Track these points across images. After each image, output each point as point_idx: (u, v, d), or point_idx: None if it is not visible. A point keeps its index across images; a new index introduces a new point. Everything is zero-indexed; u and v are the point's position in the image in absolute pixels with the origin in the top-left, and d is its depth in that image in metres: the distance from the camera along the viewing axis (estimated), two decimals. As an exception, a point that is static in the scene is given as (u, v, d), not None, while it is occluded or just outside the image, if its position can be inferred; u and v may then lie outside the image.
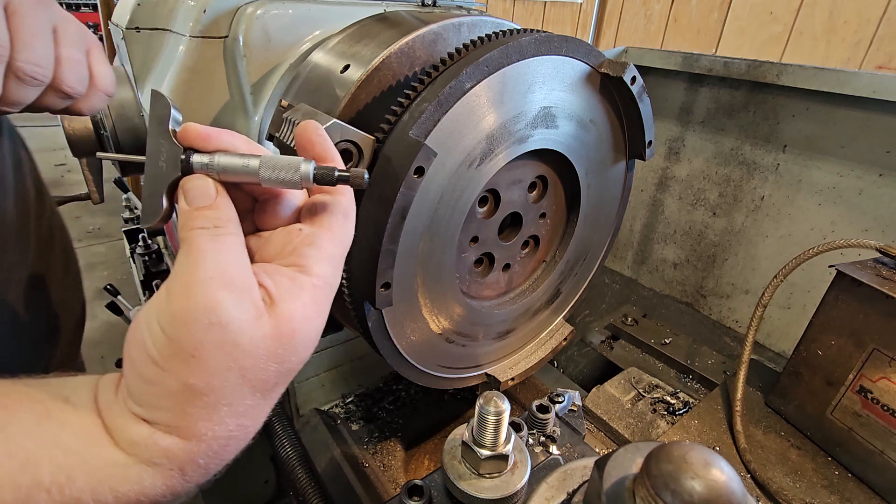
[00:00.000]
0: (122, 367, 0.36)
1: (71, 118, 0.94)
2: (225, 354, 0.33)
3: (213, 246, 0.35)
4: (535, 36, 0.65)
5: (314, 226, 0.41)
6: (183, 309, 0.32)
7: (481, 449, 0.53)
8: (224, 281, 0.34)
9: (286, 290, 0.37)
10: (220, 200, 0.39)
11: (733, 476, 0.37)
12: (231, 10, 0.80)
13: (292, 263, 0.39)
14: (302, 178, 0.39)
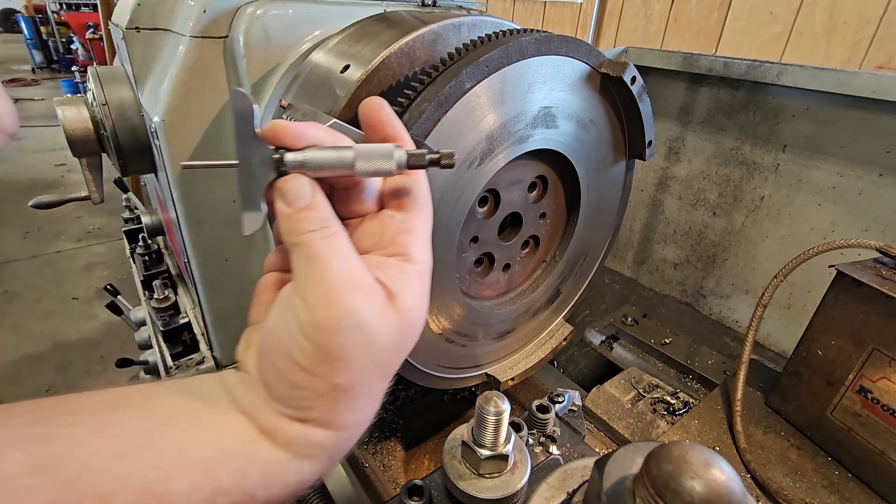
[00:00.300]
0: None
1: (71, 118, 0.94)
2: (364, 353, 0.36)
3: (331, 249, 0.36)
4: (535, 36, 0.65)
5: (404, 211, 0.41)
6: (326, 318, 0.34)
7: (481, 449, 0.53)
8: (355, 284, 0.35)
9: (400, 283, 0.38)
10: (318, 198, 0.38)
11: (733, 476, 0.37)
12: (231, 10, 0.80)
13: (395, 253, 0.40)
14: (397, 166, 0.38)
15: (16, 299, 3.42)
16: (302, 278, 0.36)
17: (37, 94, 8.63)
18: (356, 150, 0.37)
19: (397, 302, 0.37)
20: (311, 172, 0.37)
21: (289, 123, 0.38)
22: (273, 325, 0.37)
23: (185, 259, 0.97)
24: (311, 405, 0.36)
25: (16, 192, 4.91)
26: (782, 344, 1.39)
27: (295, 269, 0.37)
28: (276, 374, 0.36)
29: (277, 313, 0.37)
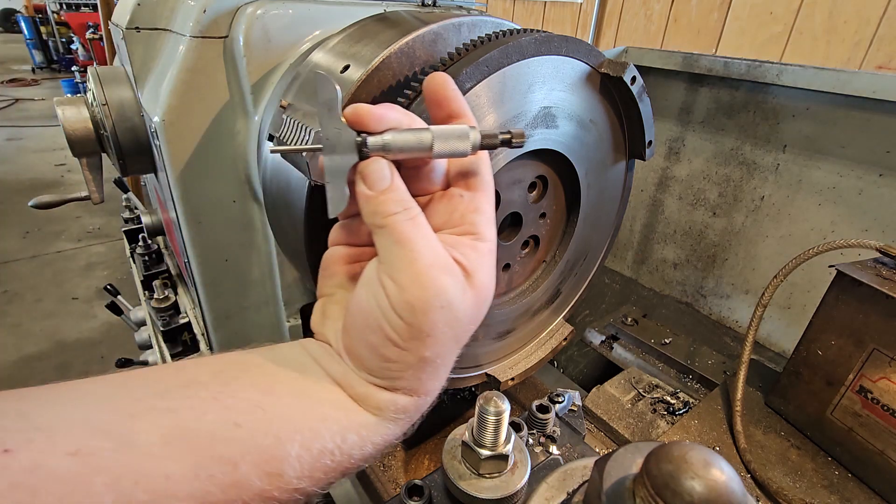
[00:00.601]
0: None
1: (71, 118, 0.94)
2: (449, 328, 0.39)
3: (416, 231, 0.38)
4: (535, 36, 0.65)
5: (472, 190, 0.43)
6: (418, 298, 0.37)
7: (481, 449, 0.53)
8: (441, 265, 0.38)
9: (475, 261, 0.40)
10: (396, 180, 0.39)
11: (733, 476, 0.37)
12: (231, 10, 0.80)
13: (466, 231, 0.41)
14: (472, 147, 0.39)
15: (16, 299, 3.42)
16: (392, 260, 0.38)
17: (37, 94, 8.63)
18: (433, 131, 0.38)
19: (473, 279, 0.40)
20: (390, 155, 0.39)
21: (370, 107, 0.39)
22: (363, 304, 0.39)
23: (185, 259, 0.97)
24: (400, 375, 0.39)
25: (16, 191, 4.91)
26: (782, 344, 1.39)
27: (381, 250, 0.39)
28: (367, 349, 0.40)
29: (366, 292, 0.39)
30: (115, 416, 0.32)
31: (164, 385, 0.36)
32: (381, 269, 0.39)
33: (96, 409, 0.33)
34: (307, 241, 0.72)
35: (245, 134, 0.86)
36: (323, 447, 0.38)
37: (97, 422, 0.31)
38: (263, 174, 0.79)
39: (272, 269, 1.00)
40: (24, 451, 0.28)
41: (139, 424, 0.32)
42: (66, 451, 0.29)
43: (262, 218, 0.92)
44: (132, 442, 0.31)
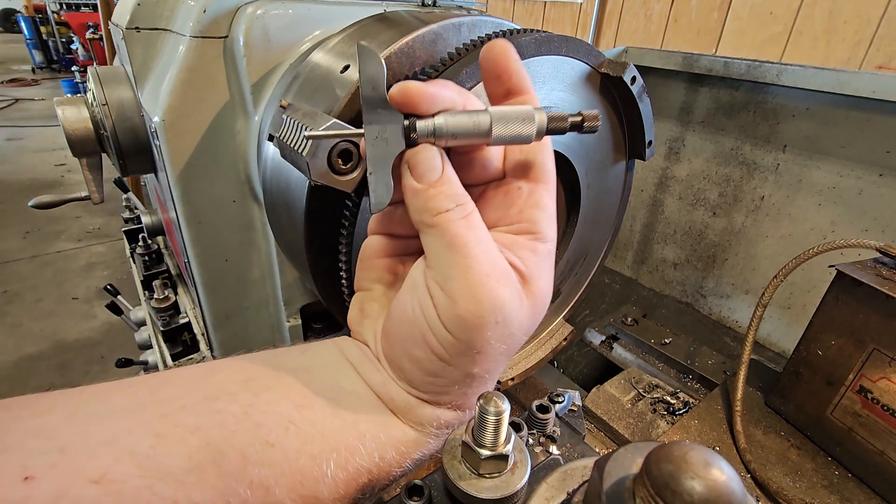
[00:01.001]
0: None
1: (71, 118, 0.94)
2: (502, 343, 0.35)
3: (471, 234, 0.33)
4: (534, 36, 0.65)
5: (532, 181, 0.37)
6: (472, 313, 0.33)
7: (481, 449, 0.53)
8: (498, 275, 0.34)
9: (534, 266, 0.36)
10: (448, 171, 0.34)
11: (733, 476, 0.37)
12: (231, 10, 0.80)
13: (525, 231, 0.36)
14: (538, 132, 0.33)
15: (16, 299, 3.42)
16: (442, 266, 0.34)
17: (37, 94, 8.63)
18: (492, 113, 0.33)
19: (531, 287, 0.36)
20: (441, 141, 0.34)
21: (421, 85, 0.33)
22: (407, 312, 0.36)
23: (185, 259, 0.97)
24: (445, 391, 0.37)
25: (16, 191, 4.91)
26: (782, 344, 1.39)
27: (430, 253, 0.34)
28: (411, 361, 0.36)
29: (412, 300, 0.36)
30: (141, 436, 0.30)
31: (192, 397, 0.34)
32: (430, 276, 0.34)
33: (122, 426, 0.30)
34: (307, 242, 0.72)
35: (245, 134, 0.86)
36: (360, 466, 0.35)
37: (123, 443, 0.29)
38: (263, 174, 0.79)
39: (272, 269, 1.00)
40: (48, 479, 0.26)
41: (165, 446, 0.30)
42: (91, 478, 0.27)
43: (262, 218, 0.92)
44: (159, 467, 0.29)
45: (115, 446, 0.29)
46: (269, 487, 0.31)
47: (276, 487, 0.32)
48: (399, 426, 0.38)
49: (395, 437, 0.37)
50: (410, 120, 0.33)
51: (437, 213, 0.33)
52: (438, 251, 0.34)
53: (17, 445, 0.27)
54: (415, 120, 0.33)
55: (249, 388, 0.35)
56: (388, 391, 0.38)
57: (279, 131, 0.60)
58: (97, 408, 0.31)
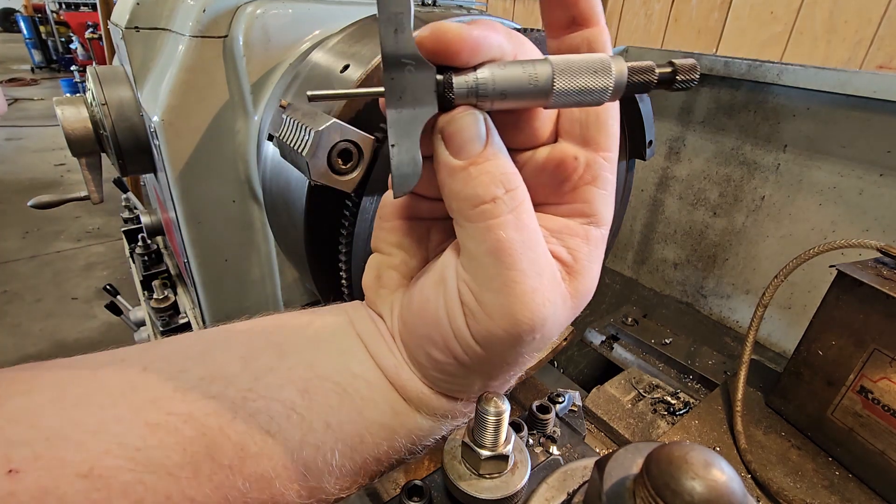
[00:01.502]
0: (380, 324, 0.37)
1: (70, 118, 0.94)
2: (535, 351, 0.31)
3: (519, 236, 0.27)
4: (535, 35, 0.64)
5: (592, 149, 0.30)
6: (507, 333, 0.28)
7: (481, 449, 0.53)
8: (545, 290, 0.28)
9: (584, 258, 0.30)
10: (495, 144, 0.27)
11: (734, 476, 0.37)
12: (230, 10, 0.80)
13: (578, 213, 0.30)
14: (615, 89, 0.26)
15: (15, 299, 3.41)
16: (480, 275, 0.28)
17: (36, 94, 8.63)
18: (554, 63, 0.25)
19: (576, 283, 0.30)
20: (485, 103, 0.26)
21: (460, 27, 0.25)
22: (430, 311, 0.31)
23: (185, 259, 0.97)
24: (464, 390, 0.35)
25: (15, 191, 4.91)
26: (783, 344, 1.39)
27: (467, 254, 0.28)
28: (428, 360, 0.33)
29: (437, 298, 0.31)
30: (131, 425, 0.28)
31: (187, 378, 0.30)
32: (463, 279, 0.29)
33: (110, 413, 0.28)
34: (307, 242, 0.72)
35: (245, 133, 0.86)
36: (368, 455, 0.33)
37: (111, 432, 0.27)
38: (263, 174, 0.79)
39: (272, 270, 0.99)
40: (32, 473, 0.24)
41: (158, 437, 0.27)
42: (78, 471, 0.25)
43: (262, 218, 0.92)
44: (150, 460, 0.27)
45: (104, 436, 0.27)
46: (270, 480, 0.29)
47: (276, 480, 0.30)
48: (411, 415, 0.35)
49: (406, 426, 0.35)
50: (446, 74, 0.25)
51: (479, 204, 0.27)
52: (477, 254, 0.28)
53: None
54: (451, 74, 0.26)
55: (249, 368, 0.32)
56: (401, 378, 0.34)
57: (279, 131, 0.60)
58: (83, 389, 0.29)
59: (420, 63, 0.25)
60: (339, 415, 0.32)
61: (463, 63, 0.26)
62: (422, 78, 0.25)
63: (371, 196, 0.59)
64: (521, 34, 0.29)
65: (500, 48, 0.26)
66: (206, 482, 0.28)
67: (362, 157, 0.59)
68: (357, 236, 0.62)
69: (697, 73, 0.26)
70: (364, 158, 0.59)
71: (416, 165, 0.26)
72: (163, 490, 0.26)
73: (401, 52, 0.25)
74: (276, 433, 0.30)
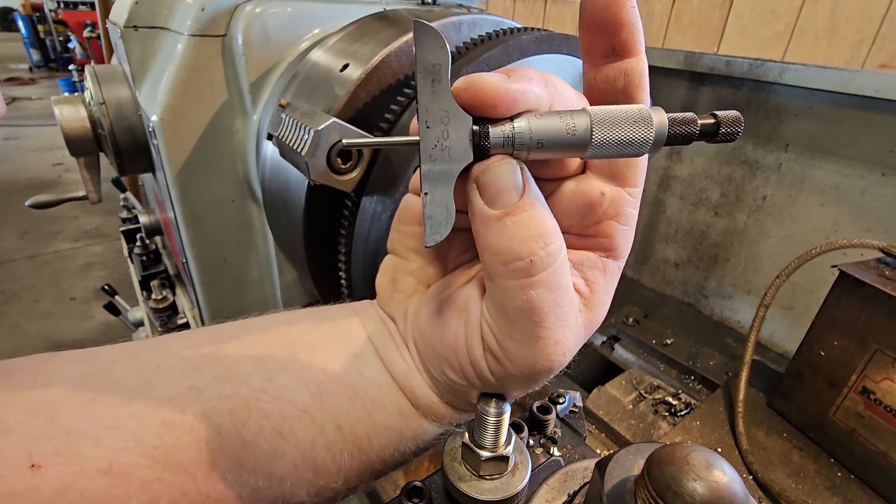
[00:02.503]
0: None
1: (69, 117, 0.94)
2: (546, 378, 0.33)
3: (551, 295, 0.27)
4: (535, 34, 0.64)
5: (618, 183, 0.29)
6: (526, 376, 0.31)
7: (481, 450, 0.53)
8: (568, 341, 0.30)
9: (601, 290, 0.31)
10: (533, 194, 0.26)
11: (735, 478, 0.37)
12: (230, 9, 0.79)
13: (599, 247, 0.30)
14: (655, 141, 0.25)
15: (13, 299, 3.41)
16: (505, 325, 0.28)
17: (34, 93, 8.63)
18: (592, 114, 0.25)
19: (590, 315, 0.31)
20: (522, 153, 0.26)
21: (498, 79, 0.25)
22: (450, 337, 0.31)
23: (184, 259, 0.96)
24: (469, 401, 0.36)
25: (13, 191, 4.90)
26: (785, 345, 1.39)
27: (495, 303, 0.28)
28: (444, 377, 0.33)
29: (457, 326, 0.31)
30: (147, 422, 0.28)
31: (201, 376, 0.31)
32: (487, 321, 0.29)
33: (126, 409, 0.29)
34: (306, 242, 0.71)
35: (244, 133, 0.86)
36: (375, 456, 0.34)
37: (129, 429, 0.28)
38: (262, 174, 0.79)
39: (271, 269, 0.99)
40: (53, 468, 0.25)
41: (174, 435, 0.28)
42: (98, 467, 0.26)
43: (261, 218, 0.92)
44: (167, 458, 0.28)
45: (121, 432, 0.28)
46: (282, 479, 0.30)
47: (288, 479, 0.31)
48: (418, 420, 0.36)
49: (413, 430, 0.36)
50: (482, 125, 0.25)
51: (514, 261, 0.26)
52: (505, 308, 0.28)
53: (19, 426, 0.26)
54: (487, 125, 0.25)
55: (263, 368, 0.32)
56: (411, 384, 0.35)
57: (278, 130, 0.60)
58: (100, 383, 0.30)
59: (456, 112, 0.25)
60: (349, 417, 0.33)
61: (500, 114, 0.26)
62: (458, 128, 0.25)
63: (371, 196, 0.59)
64: (520, 33, 0.31)
65: (538, 100, 0.26)
66: (220, 480, 0.29)
67: (362, 157, 0.59)
68: (356, 236, 0.61)
69: (742, 126, 0.26)
70: (364, 158, 0.59)
71: (449, 215, 0.26)
72: (179, 487, 0.27)
73: (438, 102, 0.25)
74: (289, 434, 0.31)
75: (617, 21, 0.26)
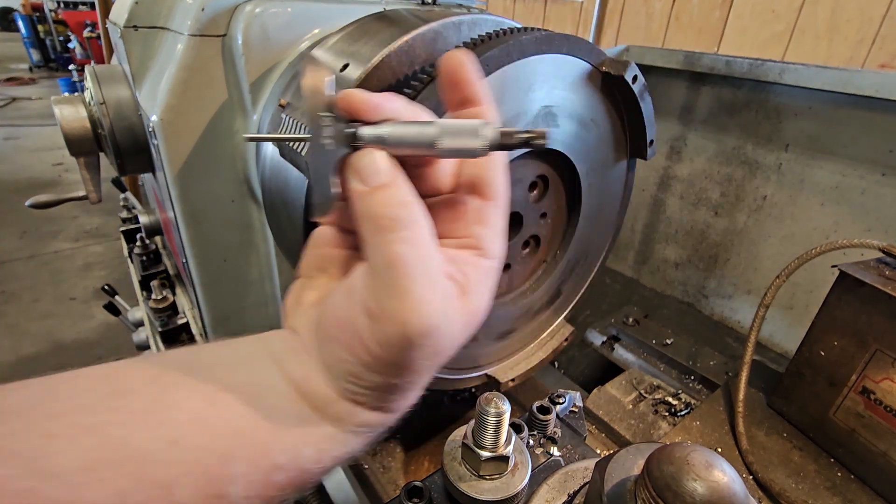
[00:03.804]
0: None
1: (69, 117, 0.94)
2: (429, 360, 0.35)
3: (414, 252, 0.32)
4: (535, 34, 0.64)
5: (482, 198, 0.38)
6: (401, 335, 0.32)
7: (481, 450, 0.53)
8: (436, 300, 0.33)
9: (475, 282, 0.36)
10: (396, 175, 0.34)
11: (735, 478, 0.37)
12: (229, 9, 0.79)
13: (469, 246, 0.37)
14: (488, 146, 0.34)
15: (13, 299, 3.41)
16: (379, 285, 0.33)
17: (34, 93, 8.62)
18: (439, 125, 0.34)
19: (467, 302, 0.36)
20: (388, 149, 0.34)
21: (364, 93, 0.34)
22: (340, 315, 0.35)
23: (184, 259, 0.96)
24: (366, 393, 0.36)
25: (13, 191, 4.91)
26: (785, 344, 1.39)
27: (371, 267, 0.34)
28: (337, 362, 0.35)
29: (345, 304, 0.35)
30: (29, 435, 0.28)
31: (92, 396, 0.32)
32: (367, 287, 0.33)
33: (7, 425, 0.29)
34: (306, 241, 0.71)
35: (244, 133, 0.86)
36: (274, 463, 0.34)
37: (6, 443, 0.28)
38: (262, 173, 0.79)
39: (271, 269, 0.99)
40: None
41: (56, 445, 0.28)
42: None
43: (261, 217, 0.92)
44: (45, 468, 0.27)
45: None
46: (171, 487, 0.30)
47: (177, 487, 0.30)
48: (317, 422, 0.36)
49: (312, 434, 0.36)
50: (354, 125, 0.34)
51: (381, 224, 0.33)
52: (377, 266, 0.33)
53: None
54: (359, 126, 0.34)
55: (156, 383, 0.33)
56: (309, 385, 0.36)
57: (278, 130, 0.60)
58: None
59: (335, 117, 0.34)
60: (244, 422, 0.34)
61: (367, 118, 0.34)
62: (339, 128, 0.34)
63: (370, 195, 0.59)
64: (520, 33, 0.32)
65: (397, 111, 0.35)
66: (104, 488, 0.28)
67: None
68: (356, 236, 0.62)
69: (546, 140, 0.34)
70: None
71: (329, 195, 0.35)
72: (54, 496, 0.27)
73: (321, 107, 0.34)
74: (180, 440, 0.31)
75: (463, 80, 0.36)
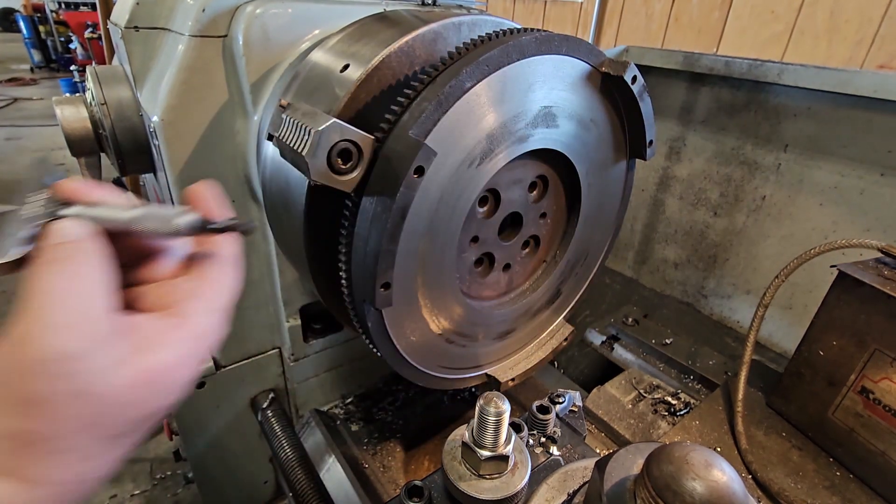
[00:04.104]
0: None
1: (70, 118, 0.94)
2: (77, 404, 0.31)
3: (63, 284, 0.32)
4: (535, 35, 0.64)
5: (198, 278, 0.41)
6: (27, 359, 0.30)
7: (481, 450, 0.53)
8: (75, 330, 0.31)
9: (156, 336, 0.36)
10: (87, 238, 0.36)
11: (734, 477, 0.37)
12: (230, 10, 0.79)
13: (171, 315, 0.38)
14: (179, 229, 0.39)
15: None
16: (21, 308, 0.32)
17: (35, 94, 8.62)
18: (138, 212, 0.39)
19: (146, 356, 0.34)
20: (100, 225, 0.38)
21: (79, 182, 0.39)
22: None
23: (185, 259, 0.96)
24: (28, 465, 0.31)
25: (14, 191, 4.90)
26: (784, 344, 1.39)
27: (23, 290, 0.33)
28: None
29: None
30: None
31: None
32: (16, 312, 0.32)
33: None
34: (306, 242, 0.71)
35: (244, 133, 0.86)
36: None
37: None
38: (263, 174, 0.79)
39: (272, 270, 0.99)
40: None
41: None
42: None
43: (262, 218, 0.92)
44: None
45: None
46: None
47: None
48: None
49: None
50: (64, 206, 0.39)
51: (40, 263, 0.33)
52: (25, 289, 0.32)
53: None
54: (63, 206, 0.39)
55: None
56: None
57: (279, 131, 0.60)
58: None
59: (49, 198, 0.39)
60: None
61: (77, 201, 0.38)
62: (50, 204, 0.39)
63: (371, 196, 0.59)
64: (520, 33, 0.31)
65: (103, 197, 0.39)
66: None
67: (362, 158, 0.59)
68: (356, 236, 0.62)
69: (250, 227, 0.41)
70: (364, 158, 0.59)
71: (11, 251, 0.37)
72: None
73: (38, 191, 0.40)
74: None
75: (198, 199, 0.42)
